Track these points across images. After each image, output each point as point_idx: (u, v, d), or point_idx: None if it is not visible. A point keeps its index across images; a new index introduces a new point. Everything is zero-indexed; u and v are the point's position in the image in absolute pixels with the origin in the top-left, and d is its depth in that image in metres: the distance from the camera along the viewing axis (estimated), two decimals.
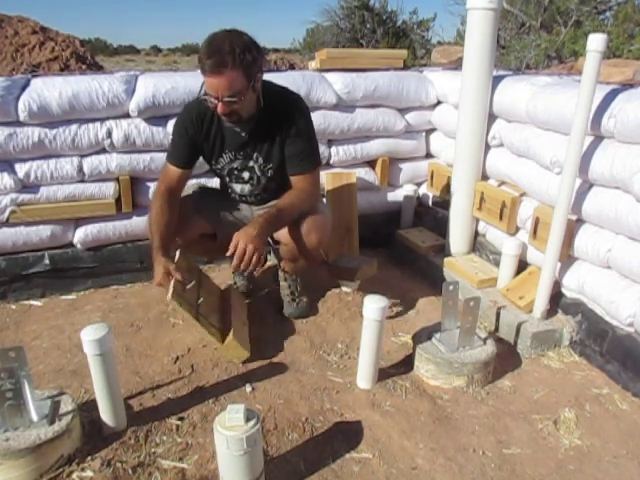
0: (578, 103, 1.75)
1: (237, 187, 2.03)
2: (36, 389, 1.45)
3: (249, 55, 1.65)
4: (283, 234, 1.94)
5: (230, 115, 1.74)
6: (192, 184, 2.19)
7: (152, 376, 1.78)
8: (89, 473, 1.36)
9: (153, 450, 1.45)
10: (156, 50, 38.49)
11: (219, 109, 1.70)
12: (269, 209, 1.83)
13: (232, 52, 1.61)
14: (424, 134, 2.93)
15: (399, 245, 2.80)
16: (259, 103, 1.81)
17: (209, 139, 1.90)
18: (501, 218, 2.28)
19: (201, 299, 1.87)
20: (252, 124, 1.85)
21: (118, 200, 2.40)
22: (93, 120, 2.29)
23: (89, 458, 1.41)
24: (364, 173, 2.80)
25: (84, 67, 9.03)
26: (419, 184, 2.96)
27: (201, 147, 1.92)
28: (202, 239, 2.06)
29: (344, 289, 2.37)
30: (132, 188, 2.41)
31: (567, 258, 2.02)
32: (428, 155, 2.98)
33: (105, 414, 1.48)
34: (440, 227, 2.67)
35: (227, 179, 2.02)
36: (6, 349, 1.34)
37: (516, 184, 2.30)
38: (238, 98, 1.68)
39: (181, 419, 1.58)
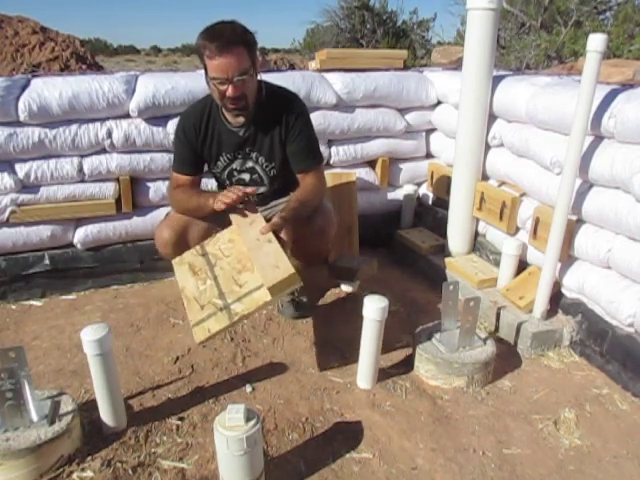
0: (578, 103, 1.75)
1: None
2: (36, 389, 1.45)
3: (249, 35, 1.73)
4: (293, 231, 1.91)
5: (239, 99, 1.73)
6: None
7: (152, 376, 1.78)
8: (89, 473, 1.36)
9: (153, 450, 1.45)
10: (156, 50, 38.52)
11: (230, 92, 1.70)
12: (286, 206, 1.79)
13: (234, 32, 1.69)
14: (424, 134, 2.93)
15: (399, 245, 2.80)
16: (260, 94, 1.81)
17: (206, 142, 1.90)
18: (501, 218, 2.28)
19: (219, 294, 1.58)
20: (249, 122, 1.85)
21: (118, 200, 2.40)
22: (93, 120, 2.29)
23: (89, 458, 1.41)
24: (364, 173, 2.80)
25: (84, 67, 9.05)
26: (419, 184, 2.96)
27: (201, 151, 1.92)
28: None
29: (344, 289, 2.37)
30: (132, 188, 2.41)
31: (567, 258, 2.02)
32: (428, 155, 2.98)
33: (105, 414, 1.48)
34: (440, 227, 2.67)
35: (227, 182, 2.01)
36: (6, 349, 1.34)
37: (516, 184, 2.30)
38: (248, 76, 1.70)
39: (181, 419, 1.58)
